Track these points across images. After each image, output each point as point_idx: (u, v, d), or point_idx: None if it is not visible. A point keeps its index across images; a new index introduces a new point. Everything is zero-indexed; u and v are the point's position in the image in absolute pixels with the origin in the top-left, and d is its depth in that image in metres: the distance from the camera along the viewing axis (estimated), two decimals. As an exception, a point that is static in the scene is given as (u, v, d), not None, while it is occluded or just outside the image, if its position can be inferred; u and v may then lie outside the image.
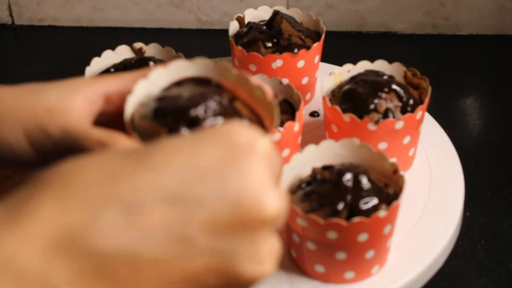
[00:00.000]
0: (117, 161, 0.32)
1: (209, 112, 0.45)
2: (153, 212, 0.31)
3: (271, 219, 0.33)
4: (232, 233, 0.32)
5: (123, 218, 0.30)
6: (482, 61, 1.16)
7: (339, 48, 1.11)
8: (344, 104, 0.74)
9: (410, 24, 1.19)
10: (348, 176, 0.63)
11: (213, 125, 0.35)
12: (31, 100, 0.42)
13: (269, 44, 0.83)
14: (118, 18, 1.24)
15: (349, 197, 0.61)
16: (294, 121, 0.72)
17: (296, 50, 0.82)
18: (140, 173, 0.32)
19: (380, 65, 0.79)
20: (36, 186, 0.31)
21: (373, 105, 0.73)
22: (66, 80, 0.45)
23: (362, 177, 0.63)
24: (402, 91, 0.74)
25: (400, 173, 0.64)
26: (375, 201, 0.62)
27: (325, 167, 0.65)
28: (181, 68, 0.49)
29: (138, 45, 0.83)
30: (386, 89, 0.74)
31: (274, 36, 0.84)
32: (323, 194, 0.62)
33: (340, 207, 0.61)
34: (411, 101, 0.74)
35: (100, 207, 0.30)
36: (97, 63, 0.79)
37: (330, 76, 0.78)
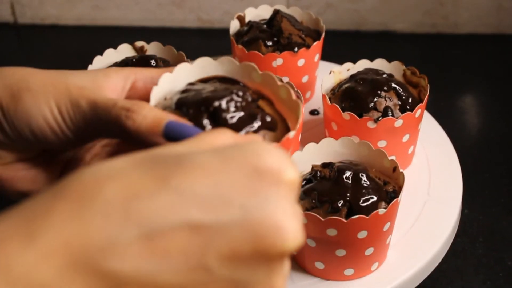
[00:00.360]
0: (139, 178, 0.31)
1: (232, 106, 0.44)
2: (172, 237, 0.31)
3: (290, 251, 0.33)
4: (250, 264, 0.32)
5: (142, 242, 0.30)
6: (481, 60, 1.16)
7: (338, 47, 1.12)
8: (344, 103, 0.75)
9: (410, 23, 1.20)
10: (347, 173, 0.63)
11: (241, 144, 0.34)
12: (64, 80, 0.44)
13: (270, 43, 0.84)
14: (119, 17, 1.24)
15: (348, 194, 0.62)
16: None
17: (296, 48, 0.82)
18: (162, 195, 0.31)
19: (380, 64, 0.79)
20: (56, 198, 0.31)
21: (373, 103, 0.73)
22: (95, 69, 0.47)
23: (362, 175, 0.63)
24: (401, 90, 0.74)
25: (400, 171, 0.64)
26: (375, 198, 0.62)
27: (324, 165, 0.65)
28: (206, 66, 0.49)
29: (139, 43, 0.83)
30: (385, 88, 0.74)
31: (274, 35, 0.84)
32: (323, 191, 0.63)
33: (339, 205, 0.61)
34: (410, 100, 0.74)
35: (120, 228, 0.30)
36: (99, 62, 0.79)
37: (330, 75, 0.78)
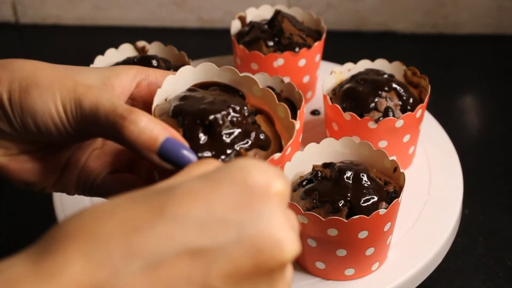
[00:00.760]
0: (136, 211, 0.33)
1: (227, 121, 0.45)
2: (174, 265, 0.32)
3: (289, 260, 0.34)
4: (252, 278, 0.33)
5: (145, 273, 0.31)
6: (481, 60, 1.16)
7: (339, 47, 1.12)
8: (345, 103, 0.75)
9: (410, 23, 1.20)
10: (348, 174, 0.63)
11: (227, 165, 0.35)
12: (72, 77, 0.45)
13: (271, 43, 0.84)
14: (120, 17, 1.24)
15: (349, 194, 0.62)
16: (295, 120, 0.72)
17: (297, 49, 0.83)
18: (160, 225, 0.32)
19: (381, 64, 0.79)
20: (61, 238, 0.32)
21: (374, 103, 0.73)
22: (105, 67, 0.47)
23: (363, 175, 0.63)
24: (402, 90, 0.75)
25: (400, 171, 0.64)
26: (375, 198, 0.62)
27: (325, 165, 0.65)
28: (209, 72, 0.49)
29: (141, 43, 0.83)
30: (386, 88, 0.74)
31: (275, 35, 0.84)
32: (324, 191, 0.63)
33: (340, 205, 0.61)
34: (411, 100, 0.74)
35: (122, 262, 0.31)
36: (101, 61, 0.80)
37: (331, 75, 0.78)
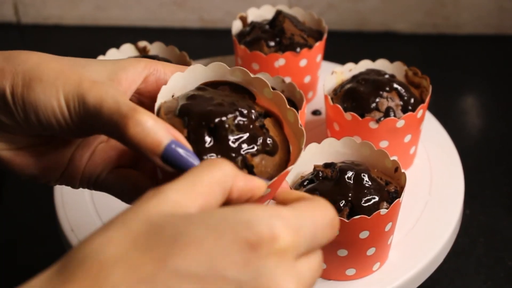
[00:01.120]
0: (139, 261, 0.33)
1: (233, 125, 0.44)
2: None
3: None
4: None
5: None
6: (482, 60, 1.16)
7: (340, 47, 1.12)
8: (346, 103, 0.75)
9: (411, 23, 1.20)
10: (349, 174, 0.63)
11: (233, 213, 0.34)
12: (78, 71, 0.44)
13: (272, 43, 0.84)
14: (122, 17, 1.24)
15: (350, 194, 0.62)
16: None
17: (298, 49, 0.83)
18: (161, 278, 0.32)
19: (382, 64, 0.79)
20: (65, 282, 0.32)
21: (375, 103, 0.73)
22: (112, 60, 0.47)
23: (364, 175, 0.63)
24: (403, 90, 0.75)
25: (401, 171, 0.64)
26: (376, 198, 0.62)
27: (326, 165, 0.65)
28: (220, 71, 0.48)
29: (142, 43, 0.83)
30: (387, 88, 0.74)
31: (276, 35, 0.84)
32: (325, 191, 0.63)
33: (341, 205, 0.61)
34: (412, 100, 0.74)
35: None
36: (102, 62, 0.80)
37: (332, 75, 0.79)
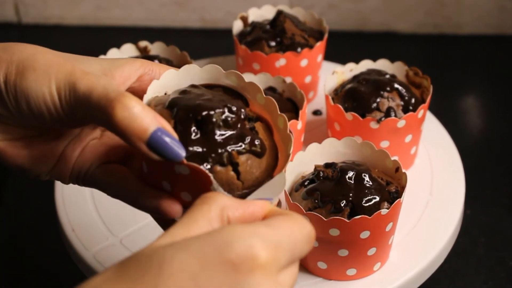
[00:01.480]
0: None
1: (220, 120, 0.44)
2: None
3: None
4: None
5: None
6: (482, 60, 1.16)
7: (341, 47, 1.12)
8: (347, 103, 0.75)
9: (412, 23, 1.20)
10: (350, 174, 0.63)
11: (215, 236, 0.36)
12: (71, 63, 0.44)
13: (273, 43, 0.84)
14: (123, 17, 1.24)
15: (351, 194, 0.62)
16: (297, 120, 0.73)
17: (299, 49, 0.83)
18: None
19: (382, 64, 0.79)
20: None
21: (375, 103, 0.73)
22: (110, 58, 0.47)
23: (364, 175, 0.63)
24: (404, 90, 0.75)
25: (402, 171, 0.64)
26: (377, 198, 0.62)
27: (327, 165, 0.65)
28: (215, 74, 0.48)
29: (143, 43, 0.83)
30: (388, 88, 0.74)
31: (277, 35, 0.84)
32: (326, 191, 0.63)
33: (342, 205, 0.61)
34: (413, 100, 0.74)
35: None
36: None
37: (332, 75, 0.79)
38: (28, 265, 0.82)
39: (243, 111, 0.45)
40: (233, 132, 0.44)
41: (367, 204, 0.62)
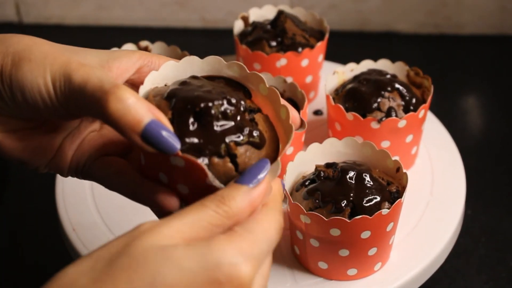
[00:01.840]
0: None
1: (220, 112, 0.43)
2: None
3: None
4: None
5: None
6: (483, 60, 1.16)
7: (342, 47, 1.12)
8: (348, 103, 0.75)
9: (412, 23, 1.20)
10: (351, 174, 0.63)
11: (205, 256, 0.38)
12: (68, 54, 0.45)
13: (274, 43, 0.84)
14: (123, 17, 1.25)
15: (352, 194, 0.62)
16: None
17: (300, 49, 0.83)
18: None
19: (383, 64, 0.79)
20: None
21: (376, 103, 0.73)
22: (108, 50, 0.47)
23: (365, 175, 0.63)
24: (405, 90, 0.75)
25: (403, 171, 0.64)
26: (378, 198, 0.62)
27: (328, 165, 0.65)
28: (216, 65, 0.48)
29: (143, 43, 0.83)
30: (389, 88, 0.74)
31: (278, 35, 0.84)
32: (327, 191, 0.63)
33: (343, 205, 0.61)
34: (413, 100, 0.74)
35: None
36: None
37: (333, 75, 0.79)
38: (28, 264, 0.81)
39: (242, 103, 0.45)
40: (231, 123, 0.44)
41: (368, 204, 0.62)
